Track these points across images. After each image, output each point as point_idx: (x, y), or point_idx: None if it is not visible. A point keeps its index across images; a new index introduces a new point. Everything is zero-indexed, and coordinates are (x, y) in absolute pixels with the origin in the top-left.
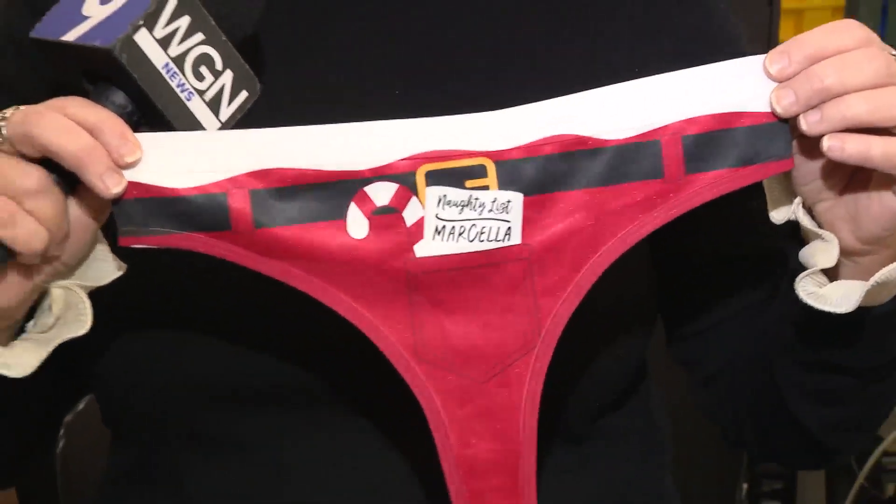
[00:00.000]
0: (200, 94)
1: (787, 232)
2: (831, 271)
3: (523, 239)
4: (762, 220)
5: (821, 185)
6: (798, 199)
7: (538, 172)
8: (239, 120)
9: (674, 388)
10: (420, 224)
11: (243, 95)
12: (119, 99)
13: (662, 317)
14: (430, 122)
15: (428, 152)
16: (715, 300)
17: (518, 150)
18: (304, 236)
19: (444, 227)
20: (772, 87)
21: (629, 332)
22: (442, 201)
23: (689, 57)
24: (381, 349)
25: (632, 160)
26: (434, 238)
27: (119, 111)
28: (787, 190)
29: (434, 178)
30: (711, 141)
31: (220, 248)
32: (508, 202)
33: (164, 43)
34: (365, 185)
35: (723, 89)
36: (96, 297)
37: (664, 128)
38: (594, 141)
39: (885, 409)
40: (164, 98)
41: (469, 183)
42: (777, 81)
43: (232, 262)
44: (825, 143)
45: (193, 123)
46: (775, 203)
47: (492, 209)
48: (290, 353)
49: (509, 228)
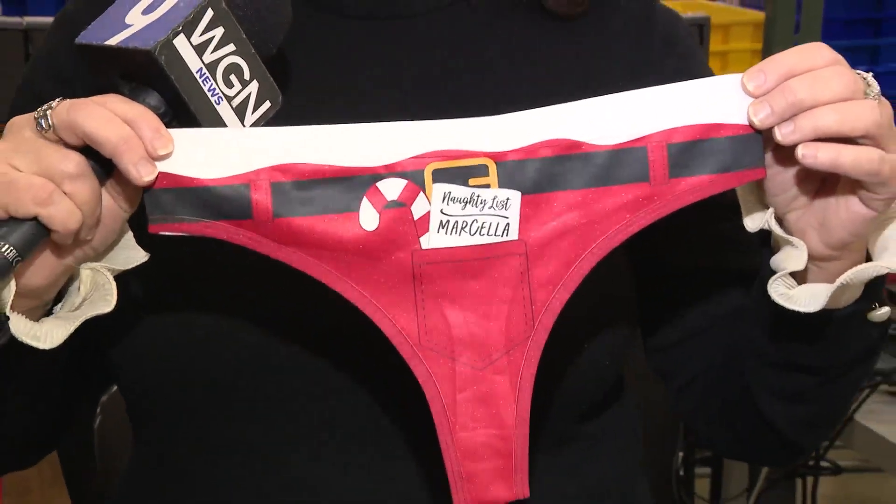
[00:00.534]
0: (229, 99)
1: (758, 245)
2: (799, 276)
3: (520, 234)
4: (735, 238)
5: (792, 194)
6: (770, 210)
7: (536, 173)
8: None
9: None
10: (426, 218)
11: (266, 105)
12: (153, 100)
13: (641, 329)
14: (438, 124)
15: (435, 152)
16: (691, 312)
17: (518, 151)
18: (318, 227)
19: (448, 222)
20: (748, 101)
21: (615, 327)
22: (447, 197)
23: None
24: (387, 335)
25: (621, 164)
26: (438, 231)
27: (153, 110)
28: (760, 202)
29: (440, 176)
30: (693, 149)
31: (241, 235)
32: (508, 200)
33: (200, 50)
34: (377, 180)
35: (704, 103)
36: (119, 284)
37: (651, 136)
38: (587, 146)
39: (846, 406)
40: (195, 99)
41: (472, 181)
42: (754, 97)
43: (251, 249)
44: (799, 151)
45: (220, 125)
46: (748, 212)
47: (492, 206)
48: (295, 336)
49: (508, 224)
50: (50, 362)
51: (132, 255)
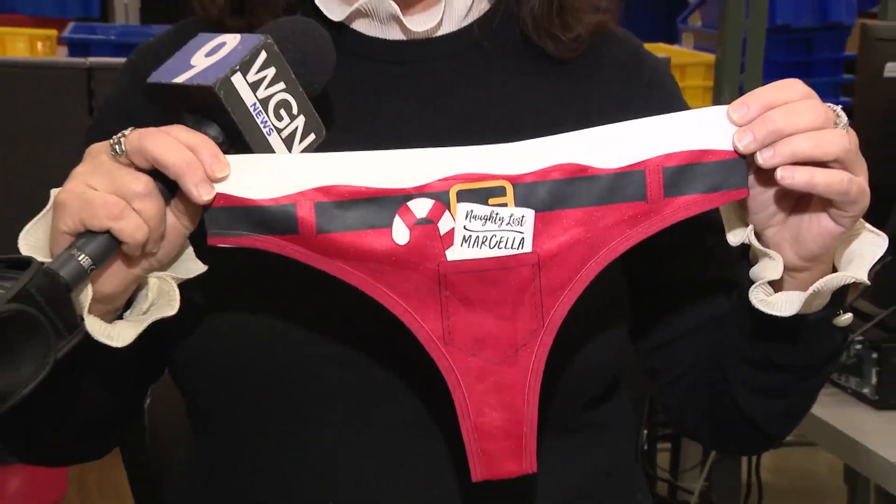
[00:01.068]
0: (278, 131)
1: (737, 258)
2: (776, 285)
3: (533, 247)
4: (718, 252)
5: (770, 212)
6: (751, 226)
7: (547, 193)
8: None
9: None
10: (451, 233)
11: (311, 137)
12: (213, 131)
13: (634, 331)
14: (461, 150)
15: (459, 175)
16: (679, 317)
17: (532, 174)
18: (356, 241)
19: (470, 237)
20: (733, 130)
21: (614, 328)
22: (469, 215)
23: None
24: (416, 335)
25: (622, 185)
26: (462, 245)
27: (213, 139)
28: (741, 219)
29: (464, 196)
30: (685, 172)
31: (288, 248)
32: (523, 217)
33: (254, 87)
34: (408, 200)
35: (694, 131)
36: (181, 291)
37: (648, 160)
38: (593, 169)
39: (813, 400)
40: (249, 130)
41: (492, 200)
42: (738, 126)
43: (297, 260)
44: (779, 173)
45: (271, 153)
46: (731, 228)
47: (509, 223)
48: (335, 336)
49: (522, 239)
50: (121, 360)
51: (192, 266)
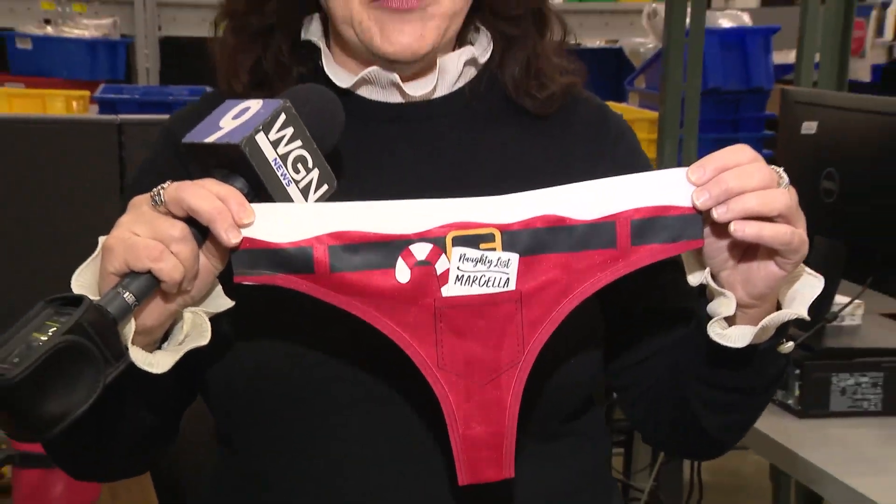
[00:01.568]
0: (296, 182)
1: (696, 293)
2: (729, 319)
3: (517, 286)
4: (678, 287)
5: (724, 258)
6: (707, 269)
7: (530, 240)
8: None
9: None
10: (446, 273)
11: (325, 188)
12: (239, 183)
13: (605, 353)
14: (456, 201)
15: (455, 223)
16: (644, 342)
17: (517, 224)
18: (364, 279)
19: (463, 276)
20: (691, 189)
21: (588, 354)
22: (462, 258)
23: (622, 174)
24: (414, 360)
25: (595, 235)
26: (455, 283)
27: (240, 190)
28: (699, 263)
29: (458, 241)
30: (650, 224)
31: (304, 285)
32: (508, 260)
33: (275, 144)
34: (410, 244)
35: (658, 190)
36: (211, 323)
37: (618, 214)
38: (570, 220)
39: (759, 414)
40: (271, 182)
41: (482, 245)
42: (696, 186)
43: (312, 296)
44: (732, 227)
45: (289, 202)
46: (691, 271)
47: (496, 265)
48: (345, 361)
49: (507, 279)
50: (160, 385)
51: (221, 302)
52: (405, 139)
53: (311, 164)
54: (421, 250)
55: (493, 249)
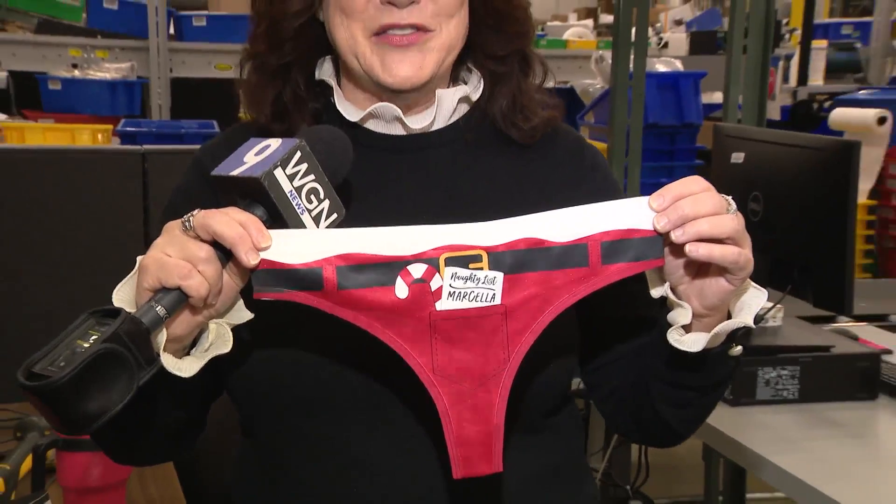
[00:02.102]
0: (309, 211)
1: (659, 303)
2: (686, 327)
3: (502, 301)
4: (642, 300)
5: (681, 274)
6: (667, 284)
7: (513, 260)
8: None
9: None
10: (440, 290)
11: (334, 216)
12: (259, 211)
13: (579, 357)
14: (449, 227)
15: (447, 246)
16: (613, 346)
17: (502, 246)
18: (367, 295)
19: (454, 292)
20: (653, 215)
21: (565, 359)
22: (454, 276)
23: (597, 201)
24: (412, 367)
25: (570, 255)
26: (447, 298)
27: (259, 217)
28: (660, 278)
29: (450, 262)
30: (618, 245)
31: (315, 301)
32: (494, 278)
33: (291, 178)
34: (407, 265)
35: (624, 215)
36: (234, 333)
37: (590, 237)
38: (548, 242)
39: (712, 409)
40: (287, 211)
41: (471, 265)
42: (656, 212)
43: (322, 310)
44: (687, 248)
45: (302, 228)
46: (653, 286)
47: (484, 282)
48: (351, 368)
49: (494, 294)
50: (188, 386)
51: (242, 314)
52: (406, 167)
53: (322, 196)
54: (417, 270)
55: (481, 268)
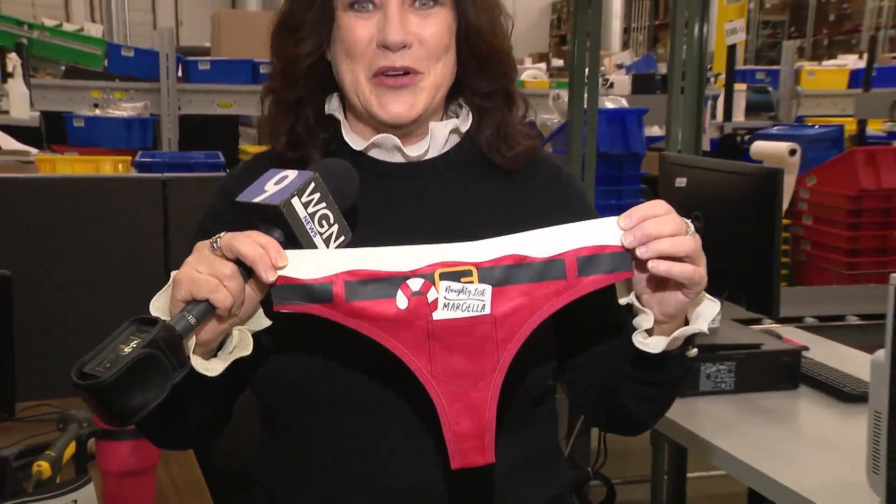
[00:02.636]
0: (321, 234)
1: (626, 310)
2: (649, 331)
3: (491, 311)
4: (612, 307)
5: (644, 286)
6: (633, 293)
7: (501, 274)
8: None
9: None
10: (435, 302)
11: (342, 238)
12: (277, 234)
13: (557, 358)
14: (443, 246)
15: (441, 262)
16: (587, 347)
17: (490, 262)
18: (372, 307)
19: (449, 303)
20: (621, 233)
21: (546, 359)
22: (448, 289)
23: (574, 220)
24: (413, 370)
25: (550, 269)
26: (442, 309)
27: (277, 239)
28: (628, 289)
29: (444, 276)
30: (592, 260)
31: (326, 312)
32: (484, 290)
33: (306, 206)
34: (407, 279)
35: (596, 234)
36: (255, 338)
37: (567, 253)
38: (530, 258)
39: (671, 403)
40: (302, 234)
41: (463, 279)
42: (624, 230)
43: (332, 320)
44: (649, 265)
45: (314, 248)
46: (621, 295)
47: (475, 294)
48: (358, 371)
49: (484, 305)
50: (215, 384)
51: (262, 321)
52: (405, 191)
53: (332, 221)
54: (415, 283)
55: (472, 282)
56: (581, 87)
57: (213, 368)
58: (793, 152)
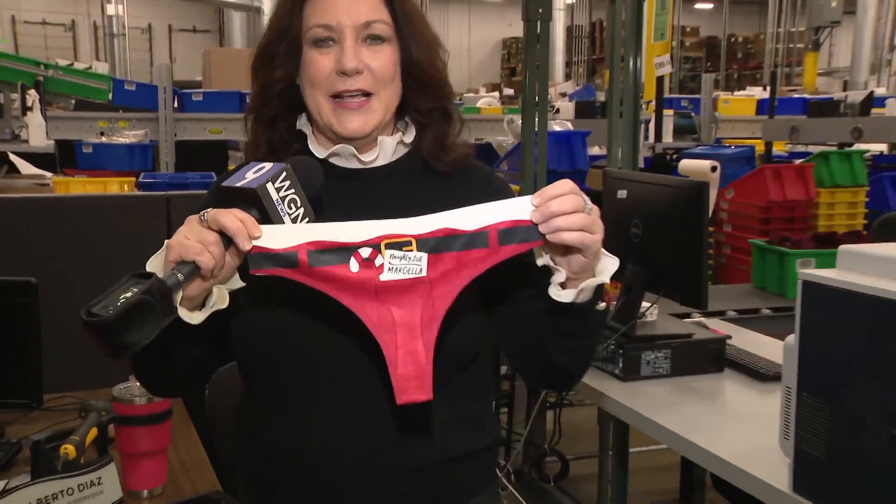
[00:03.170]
0: (289, 215)
1: (543, 271)
2: (563, 285)
3: (427, 273)
4: (533, 267)
5: (555, 250)
6: (548, 256)
7: (435, 244)
8: None
9: None
10: (381, 266)
11: (307, 219)
12: (253, 212)
13: (491, 318)
14: (388, 222)
15: (386, 234)
16: (515, 307)
17: (426, 234)
18: (330, 271)
19: (392, 267)
20: (532, 209)
21: (473, 318)
22: (392, 256)
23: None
24: (365, 322)
25: (476, 240)
26: (388, 272)
27: (254, 216)
28: (543, 252)
29: (389, 246)
30: (510, 231)
31: (292, 275)
32: (421, 257)
33: (278, 190)
34: (358, 248)
35: (514, 210)
36: (232, 296)
37: (490, 226)
38: (459, 231)
39: (593, 353)
40: (273, 213)
41: (404, 248)
42: (535, 207)
43: (298, 282)
44: (548, 236)
45: (284, 225)
46: (538, 257)
47: (413, 260)
48: (320, 325)
49: (421, 268)
50: (198, 333)
51: (237, 282)
52: (360, 190)
53: (299, 204)
54: (365, 252)
55: (412, 251)
56: (532, 113)
57: (195, 318)
58: (714, 169)
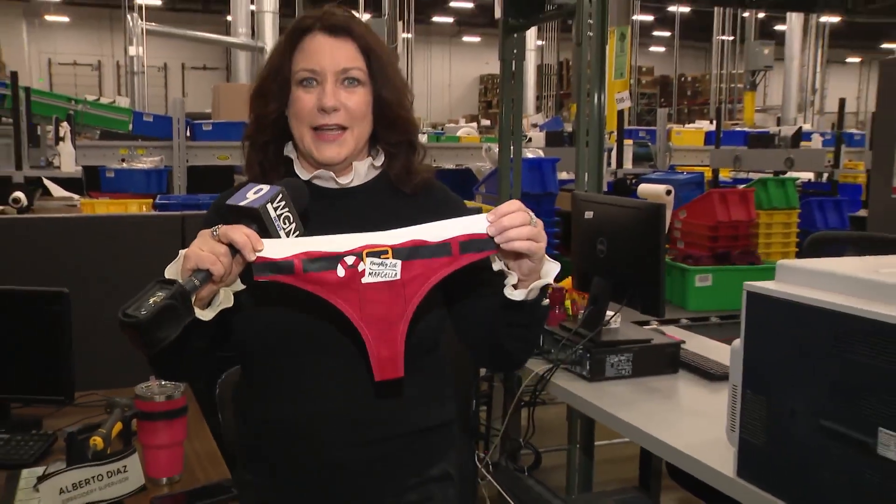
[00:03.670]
0: (284, 230)
1: (498, 274)
2: (516, 286)
3: (401, 277)
4: (489, 271)
5: (508, 256)
6: (502, 262)
7: (407, 252)
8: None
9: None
10: (363, 272)
11: (298, 232)
12: (254, 227)
13: (451, 315)
14: (368, 234)
15: (367, 245)
16: (472, 304)
17: (400, 244)
18: (321, 276)
19: (372, 272)
20: (487, 225)
21: (435, 313)
22: (372, 262)
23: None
24: (349, 317)
25: (440, 249)
26: (368, 276)
27: (255, 231)
28: (498, 259)
29: (369, 255)
30: (469, 243)
31: (289, 280)
32: (396, 264)
33: (275, 209)
34: (343, 257)
35: (472, 226)
36: (235, 297)
37: (452, 238)
38: (428, 242)
39: (537, 340)
40: (272, 229)
41: (382, 256)
42: (490, 223)
43: (294, 285)
44: (502, 245)
45: (280, 239)
46: (493, 263)
47: (390, 266)
48: (312, 321)
49: (396, 273)
50: (207, 329)
51: (239, 285)
52: (338, 208)
53: (292, 220)
54: (349, 260)
55: (388, 258)
56: (508, 142)
57: (206, 315)
58: (669, 192)
